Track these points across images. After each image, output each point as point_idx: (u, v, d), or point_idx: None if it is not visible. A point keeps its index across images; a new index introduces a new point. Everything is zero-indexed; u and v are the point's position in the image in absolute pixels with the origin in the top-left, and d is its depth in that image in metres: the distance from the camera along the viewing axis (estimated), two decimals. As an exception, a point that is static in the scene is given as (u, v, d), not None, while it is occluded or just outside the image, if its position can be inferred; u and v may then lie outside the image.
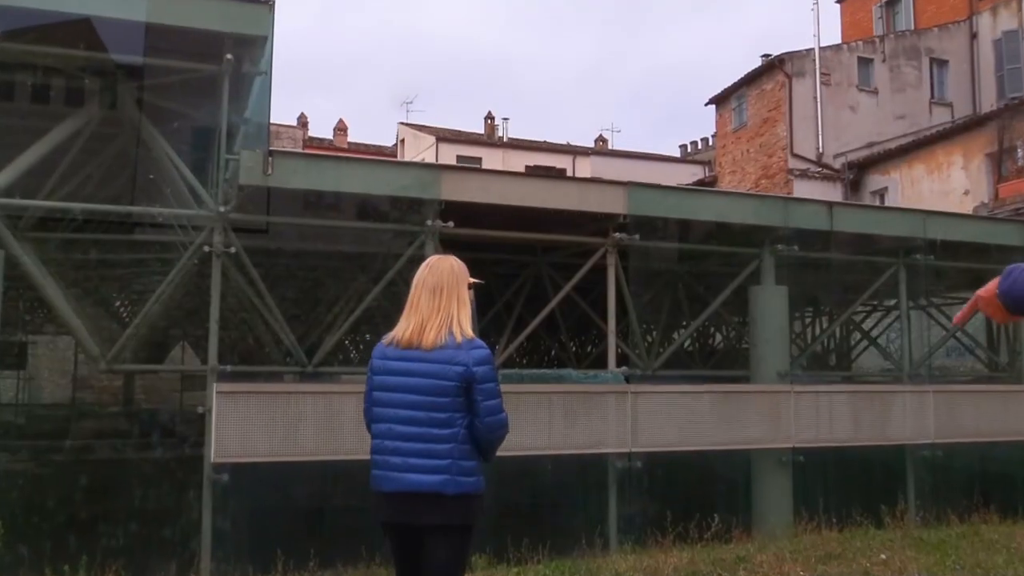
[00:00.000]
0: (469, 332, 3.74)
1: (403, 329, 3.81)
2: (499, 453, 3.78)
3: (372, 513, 3.69)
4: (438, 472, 3.56)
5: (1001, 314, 2.62)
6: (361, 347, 20.08)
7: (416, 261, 10.63)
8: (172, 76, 9.20)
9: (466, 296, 3.87)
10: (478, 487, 3.64)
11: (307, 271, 15.13)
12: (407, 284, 4.20)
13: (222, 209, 9.35)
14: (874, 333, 17.26)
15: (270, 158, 9.27)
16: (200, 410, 9.24)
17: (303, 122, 49.82)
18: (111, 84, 9.54)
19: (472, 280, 3.96)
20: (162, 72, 9.13)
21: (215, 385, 9.02)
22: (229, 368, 9.43)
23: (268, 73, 9.40)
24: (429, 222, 10.38)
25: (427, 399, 3.62)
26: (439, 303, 3.80)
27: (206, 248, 9.34)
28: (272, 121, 10.68)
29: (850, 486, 11.55)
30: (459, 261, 3.95)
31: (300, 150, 31.09)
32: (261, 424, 9.09)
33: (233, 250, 9.45)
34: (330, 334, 12.13)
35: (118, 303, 20.47)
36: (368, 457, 3.71)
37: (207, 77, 9.12)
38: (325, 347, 11.16)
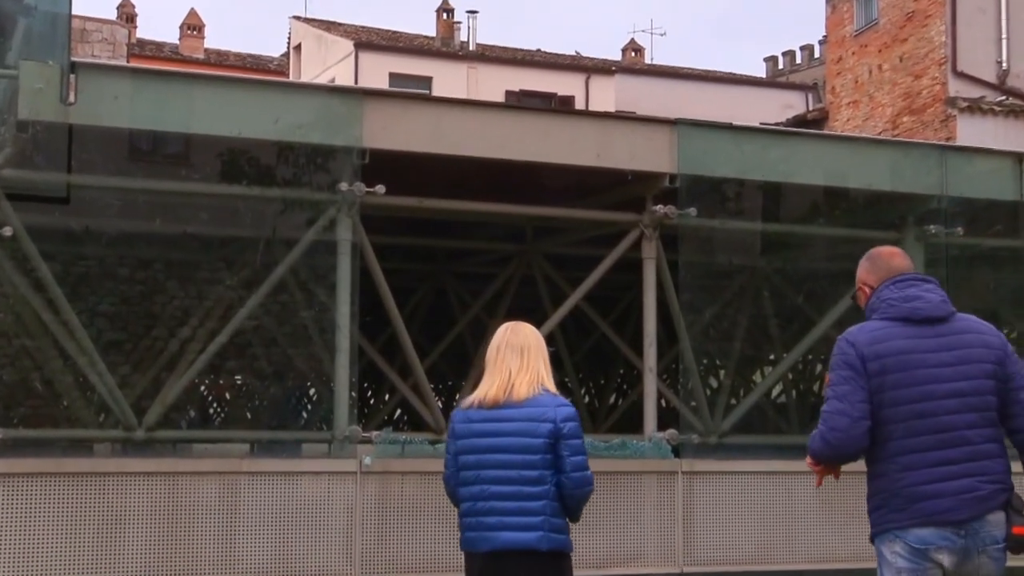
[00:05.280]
0: (555, 391, 5.99)
1: (487, 388, 5.93)
2: None
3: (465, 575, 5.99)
4: (532, 529, 5.76)
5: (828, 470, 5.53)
6: (227, 395, 19.98)
7: (322, 252, 10.65)
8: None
9: (549, 361, 6.07)
10: (568, 545, 5.93)
11: (136, 268, 15.04)
12: (304, 289, 4.72)
13: (-11, 162, 9.30)
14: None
15: (72, 75, 9.22)
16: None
17: (128, 15, 49.73)
18: None
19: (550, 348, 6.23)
20: None
21: (-23, 461, 8.98)
22: (1, 433, 9.37)
23: (69, -69, 9.36)
24: (343, 185, 10.37)
25: (518, 457, 5.79)
26: (526, 361, 5.92)
27: (-40, 228, 9.30)
28: (77, 13, 10.60)
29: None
30: (536, 329, 6.17)
31: (123, 62, 30.99)
32: (56, 527, 9.02)
33: (9, 231, 9.39)
34: (175, 375, 12.06)
35: None
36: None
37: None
38: (166, 396, 11.11)
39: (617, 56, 55.28)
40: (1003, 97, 27.53)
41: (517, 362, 5.92)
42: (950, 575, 5.20)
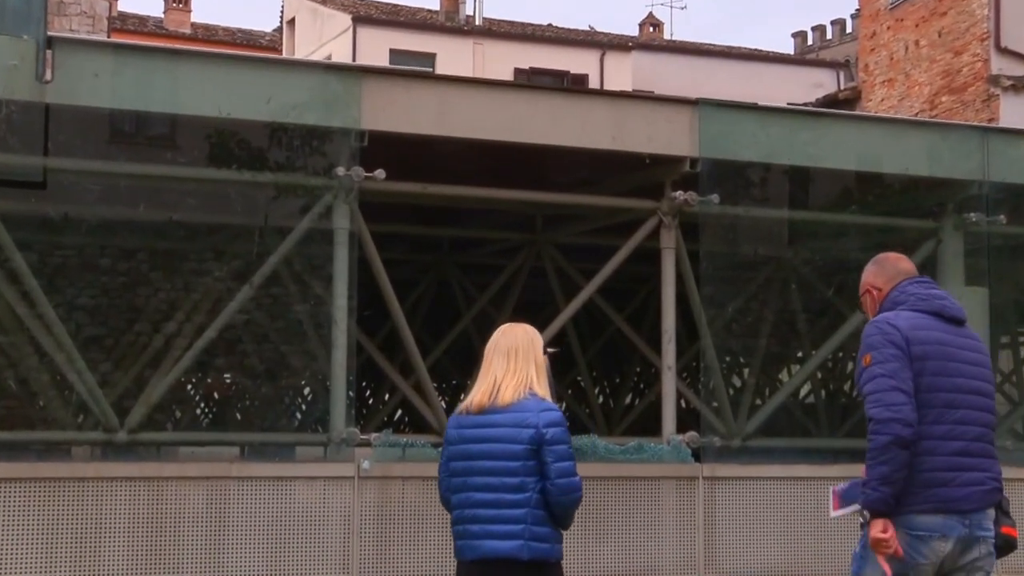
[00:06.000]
0: (545, 395, 6.17)
1: (475, 393, 6.18)
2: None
3: None
4: (512, 537, 5.98)
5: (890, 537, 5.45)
6: (215, 395, 20.01)
7: (318, 241, 10.60)
8: None
9: (543, 361, 6.27)
10: (554, 553, 6.12)
11: (118, 259, 15.04)
12: (298, 281, 4.72)
13: (-40, 144, 9.30)
14: None
15: (49, 51, 9.21)
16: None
17: (113, -11, 49.63)
18: None
19: (549, 349, 6.46)
20: None
21: (-54, 465, 8.98)
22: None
23: None
24: (340, 170, 10.36)
25: (499, 464, 6.02)
26: (514, 365, 6.13)
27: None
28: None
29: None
30: (533, 328, 6.37)
31: (104, 37, 31.03)
32: (32, 536, 9.01)
33: (-19, 220, 9.39)
34: (159, 373, 12.06)
35: None
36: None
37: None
38: (150, 396, 11.10)
39: (634, 31, 55.31)
40: (1049, 76, 27.44)
41: (504, 366, 6.14)
42: (949, 564, 5.62)
